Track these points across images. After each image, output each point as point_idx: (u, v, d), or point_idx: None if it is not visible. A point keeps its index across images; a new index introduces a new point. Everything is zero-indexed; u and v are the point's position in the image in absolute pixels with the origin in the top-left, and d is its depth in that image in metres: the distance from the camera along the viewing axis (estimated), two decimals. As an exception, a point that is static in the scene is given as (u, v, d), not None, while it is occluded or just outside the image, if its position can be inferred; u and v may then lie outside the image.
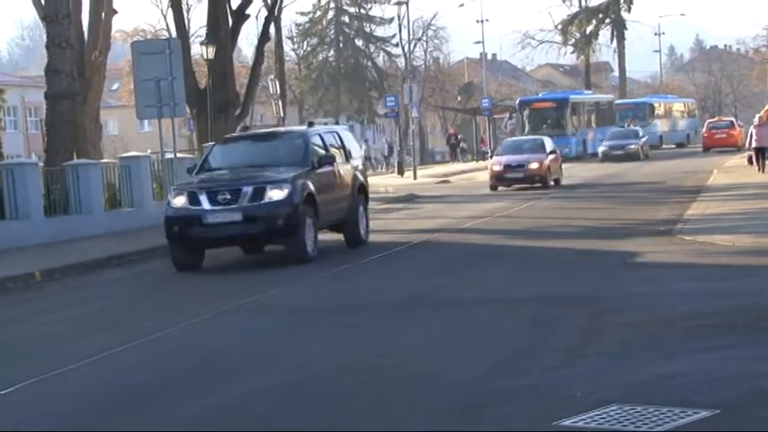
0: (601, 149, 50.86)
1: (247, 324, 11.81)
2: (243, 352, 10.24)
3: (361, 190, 19.07)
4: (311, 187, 16.76)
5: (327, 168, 17.73)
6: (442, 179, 44.88)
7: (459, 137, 68.80)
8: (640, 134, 52.33)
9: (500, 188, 33.16)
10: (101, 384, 9.15)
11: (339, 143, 18.90)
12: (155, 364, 9.85)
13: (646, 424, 6.83)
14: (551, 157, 34.06)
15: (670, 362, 8.54)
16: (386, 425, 7.28)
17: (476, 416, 7.33)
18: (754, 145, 32.28)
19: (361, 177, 19.23)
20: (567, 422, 6.94)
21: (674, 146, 63.23)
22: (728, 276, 13.19)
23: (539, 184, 32.86)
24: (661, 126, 65.91)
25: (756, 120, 34.03)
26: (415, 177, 45.77)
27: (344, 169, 18.60)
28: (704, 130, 57.30)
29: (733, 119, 64.14)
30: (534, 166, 33.01)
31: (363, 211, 18.90)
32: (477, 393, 7.97)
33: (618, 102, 67.29)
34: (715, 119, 63.39)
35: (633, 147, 49.91)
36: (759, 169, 31.52)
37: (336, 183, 18.15)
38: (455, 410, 7.52)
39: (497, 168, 33.73)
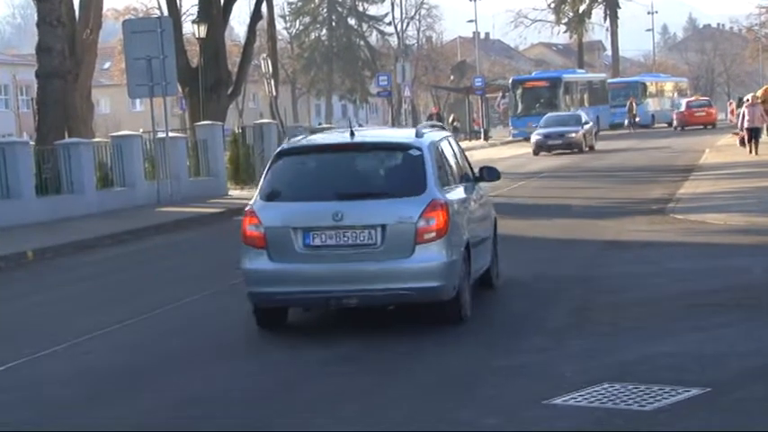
0: (533, 138, 40.84)
1: (239, 304, 11.80)
2: (234, 332, 10.24)
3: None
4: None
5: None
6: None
7: (443, 116, 68.59)
8: (583, 119, 42.28)
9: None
10: (91, 365, 9.14)
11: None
12: (146, 345, 9.84)
13: (636, 402, 6.86)
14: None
15: (661, 341, 8.56)
16: (372, 406, 7.29)
17: (466, 395, 7.35)
18: (746, 125, 31.71)
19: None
20: (557, 401, 6.97)
21: (665, 125, 63.24)
22: (720, 255, 13.21)
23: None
24: (653, 105, 65.96)
25: (749, 99, 33.59)
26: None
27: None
28: (684, 108, 58.86)
29: (709, 98, 68.23)
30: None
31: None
32: (467, 372, 7.98)
33: (610, 81, 67.19)
34: (693, 98, 65.28)
35: (573, 135, 40.12)
36: (750, 151, 30.95)
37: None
38: (444, 389, 7.53)
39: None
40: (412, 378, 7.93)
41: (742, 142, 32.50)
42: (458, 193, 10.18)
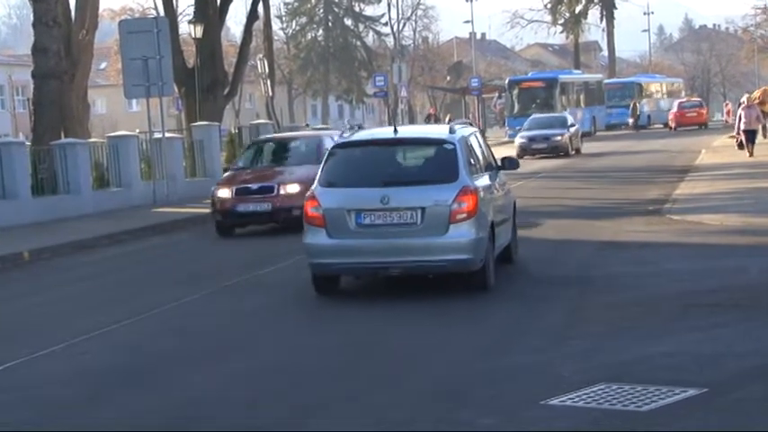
0: (517, 141, 39.36)
1: (237, 304, 11.80)
2: (230, 332, 10.24)
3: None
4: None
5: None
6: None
7: (440, 117, 68.58)
8: (569, 122, 40.17)
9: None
10: (89, 365, 9.14)
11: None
12: (144, 345, 9.84)
13: (633, 402, 6.87)
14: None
15: (658, 341, 8.57)
16: (372, 407, 7.30)
17: (464, 396, 7.35)
18: (743, 127, 30.86)
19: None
20: (555, 401, 6.97)
21: (661, 125, 63.25)
22: (717, 255, 13.22)
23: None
24: (649, 106, 65.90)
25: (744, 100, 33.20)
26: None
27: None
28: (675, 109, 59.21)
29: (701, 99, 68.25)
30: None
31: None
32: (466, 374, 7.99)
33: (606, 81, 67.16)
34: (685, 99, 65.75)
35: (559, 138, 38.17)
36: (749, 153, 29.90)
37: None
38: (443, 391, 7.54)
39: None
40: (411, 379, 7.93)
41: (740, 145, 31.62)
42: (484, 180, 11.81)
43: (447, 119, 67.95)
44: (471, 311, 10.48)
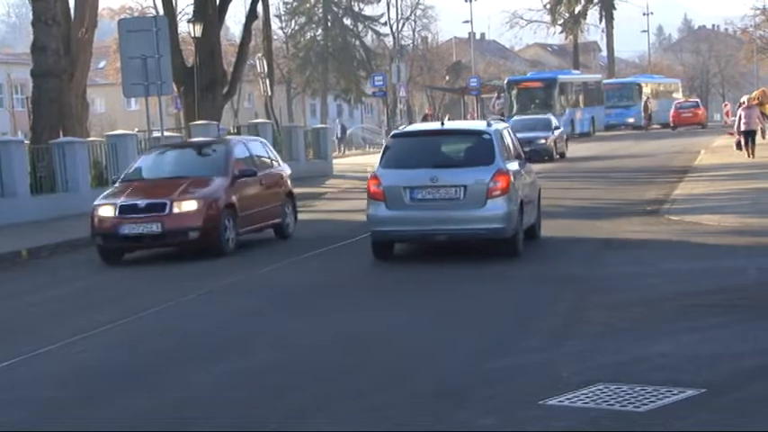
0: None
1: (230, 304, 11.80)
2: (227, 331, 10.24)
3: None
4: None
5: None
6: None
7: (440, 117, 68.53)
8: (554, 124, 38.20)
9: None
10: (86, 364, 9.13)
11: None
12: (139, 344, 9.83)
13: (631, 402, 6.86)
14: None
15: (656, 342, 8.57)
16: (371, 407, 7.29)
17: (463, 396, 7.35)
18: (742, 128, 30.39)
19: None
20: (553, 401, 6.97)
21: (659, 126, 63.22)
22: (714, 256, 13.23)
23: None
24: (649, 106, 65.72)
25: (745, 101, 32.81)
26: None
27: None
28: (672, 110, 59.91)
29: (698, 100, 69.53)
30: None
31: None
32: (464, 374, 7.98)
33: (605, 81, 67.07)
34: (683, 99, 66.48)
35: (542, 141, 35.86)
36: (749, 155, 29.62)
37: None
38: (442, 391, 7.53)
39: None
40: (410, 379, 7.92)
41: (738, 146, 31.22)
42: (514, 165, 14.21)
43: (446, 119, 68.12)
44: (469, 313, 10.48)
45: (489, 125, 14.47)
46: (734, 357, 7.93)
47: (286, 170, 18.55)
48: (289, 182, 18.21)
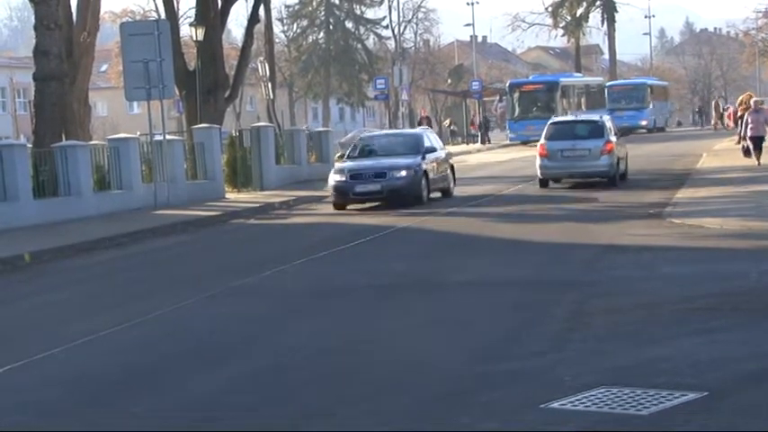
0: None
1: (235, 307, 11.81)
2: (229, 335, 10.24)
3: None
4: None
5: None
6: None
7: (440, 120, 68.52)
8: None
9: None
10: (88, 368, 9.14)
11: None
12: (143, 348, 9.84)
13: (633, 406, 6.86)
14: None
15: (657, 345, 8.57)
16: (372, 410, 7.30)
17: (464, 400, 7.35)
18: (749, 134, 28.06)
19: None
20: (554, 405, 6.97)
21: (655, 129, 62.62)
22: (716, 259, 13.23)
23: None
24: (654, 110, 64.74)
25: (752, 104, 29.78)
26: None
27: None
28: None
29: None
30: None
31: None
32: (465, 378, 7.99)
33: (611, 83, 66.41)
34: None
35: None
36: (758, 161, 27.51)
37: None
38: (443, 395, 7.53)
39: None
40: (411, 382, 7.93)
41: (746, 152, 28.85)
42: (614, 138, 25.77)
43: (448, 122, 68.11)
44: (469, 317, 10.48)
45: (601, 116, 27.68)
46: (736, 361, 7.93)
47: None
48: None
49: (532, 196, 23.91)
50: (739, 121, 31.93)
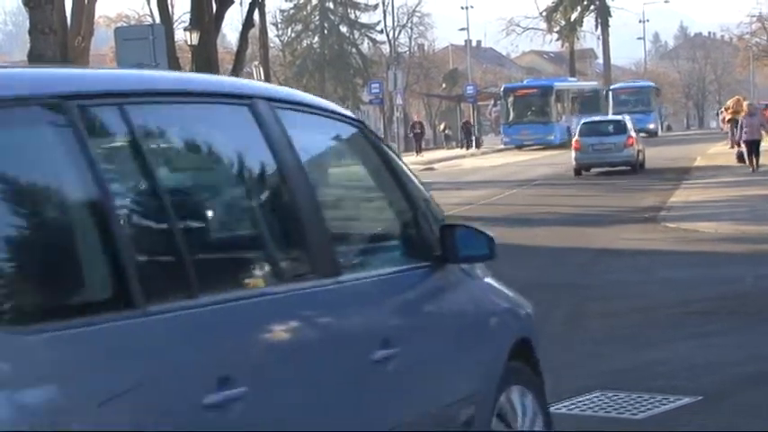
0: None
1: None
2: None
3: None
4: None
5: None
6: (426, 166, 44.92)
7: (435, 124, 68.50)
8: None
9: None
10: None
11: None
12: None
13: (628, 410, 6.87)
14: None
15: (653, 349, 8.58)
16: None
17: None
18: (744, 138, 27.06)
19: None
20: (550, 409, 6.96)
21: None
22: (711, 263, 13.25)
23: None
24: (656, 114, 64.05)
25: (746, 107, 28.79)
26: (399, 164, 45.63)
27: None
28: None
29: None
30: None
31: None
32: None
33: (615, 87, 65.72)
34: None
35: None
36: (753, 168, 26.68)
37: None
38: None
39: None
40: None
41: (741, 158, 27.65)
42: (634, 134, 31.80)
43: (442, 127, 68.20)
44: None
45: (623, 117, 33.53)
46: (731, 365, 7.94)
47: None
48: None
49: (527, 200, 23.94)
50: (729, 125, 31.95)
